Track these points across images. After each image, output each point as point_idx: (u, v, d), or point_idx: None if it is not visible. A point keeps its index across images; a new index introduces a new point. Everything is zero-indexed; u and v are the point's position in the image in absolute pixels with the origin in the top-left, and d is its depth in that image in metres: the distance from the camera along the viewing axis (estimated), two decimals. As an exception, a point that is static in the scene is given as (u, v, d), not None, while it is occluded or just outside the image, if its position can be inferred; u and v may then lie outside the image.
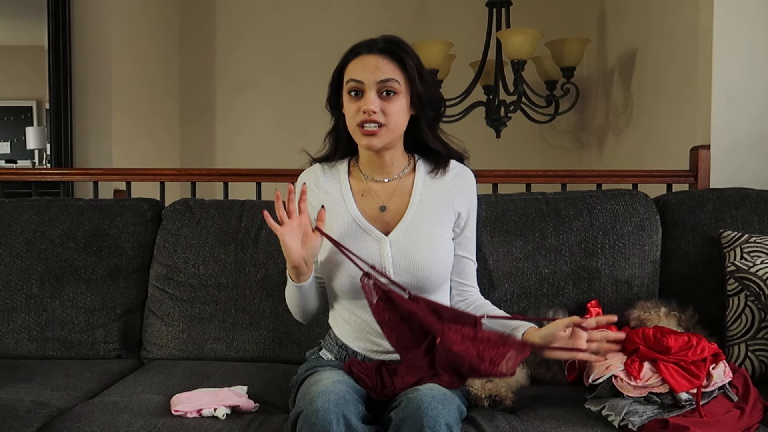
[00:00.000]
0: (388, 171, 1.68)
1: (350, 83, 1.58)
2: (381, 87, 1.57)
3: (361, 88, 1.57)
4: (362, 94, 1.57)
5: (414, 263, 1.60)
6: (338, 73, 1.64)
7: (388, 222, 1.65)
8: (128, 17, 3.71)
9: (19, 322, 2.09)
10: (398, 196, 1.68)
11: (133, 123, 3.74)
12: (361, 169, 1.71)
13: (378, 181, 1.69)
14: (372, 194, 1.68)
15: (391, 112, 1.58)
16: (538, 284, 2.01)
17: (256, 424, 1.55)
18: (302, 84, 4.16)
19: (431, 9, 4.19)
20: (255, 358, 2.04)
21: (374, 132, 1.57)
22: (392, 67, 1.58)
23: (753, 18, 2.40)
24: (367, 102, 1.55)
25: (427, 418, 1.33)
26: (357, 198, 1.68)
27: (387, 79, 1.56)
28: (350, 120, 1.61)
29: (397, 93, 1.58)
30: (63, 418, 1.58)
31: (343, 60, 1.63)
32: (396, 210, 1.66)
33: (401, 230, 1.63)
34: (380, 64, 1.57)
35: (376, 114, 1.56)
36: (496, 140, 3.64)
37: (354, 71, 1.58)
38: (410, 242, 1.61)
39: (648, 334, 1.59)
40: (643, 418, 1.46)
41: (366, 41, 1.61)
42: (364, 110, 1.56)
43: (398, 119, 1.60)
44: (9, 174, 2.81)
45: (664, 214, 2.09)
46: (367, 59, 1.58)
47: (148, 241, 2.17)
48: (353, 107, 1.59)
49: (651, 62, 3.13)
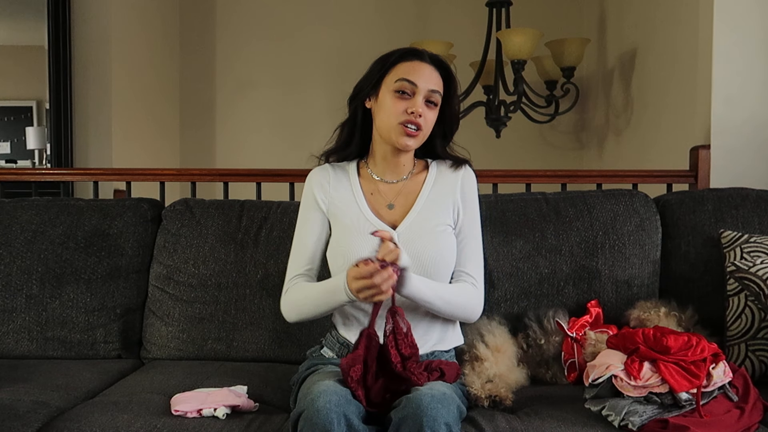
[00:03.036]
0: (399, 172, 1.76)
1: (403, 83, 1.65)
2: (428, 95, 1.66)
3: (413, 90, 1.65)
4: (411, 96, 1.65)
5: (420, 255, 1.64)
6: (384, 70, 1.68)
7: (396, 218, 1.71)
8: (128, 17, 3.71)
9: (19, 322, 2.09)
10: (404, 195, 1.74)
11: (134, 123, 3.74)
12: (372, 170, 1.77)
13: (387, 182, 1.75)
14: (380, 194, 1.75)
15: (429, 120, 1.68)
16: (538, 284, 2.01)
17: (256, 424, 1.55)
18: (302, 84, 4.16)
19: (431, 9, 4.19)
20: (255, 358, 2.04)
21: (415, 134, 1.66)
22: (440, 81, 1.69)
23: (753, 18, 2.40)
24: (417, 105, 1.64)
25: (427, 417, 1.34)
26: (367, 196, 1.73)
27: (435, 90, 1.67)
28: (391, 117, 1.65)
29: (436, 105, 1.69)
30: (63, 418, 1.58)
31: (394, 60, 1.68)
32: (403, 207, 1.73)
33: (408, 224, 1.69)
34: (433, 75, 1.68)
35: (420, 118, 1.65)
36: (496, 140, 3.64)
37: (409, 73, 1.66)
38: (416, 235, 1.67)
39: (648, 334, 1.59)
40: (643, 418, 1.46)
41: (418, 49, 1.71)
42: (411, 111, 1.64)
43: (429, 128, 1.70)
44: (9, 174, 2.81)
45: (664, 214, 2.09)
46: (423, 66, 1.67)
47: (148, 241, 2.17)
48: (400, 106, 1.64)
49: (651, 62, 3.13)
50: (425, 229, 1.69)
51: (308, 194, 1.77)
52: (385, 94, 1.67)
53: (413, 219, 1.70)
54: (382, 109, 1.67)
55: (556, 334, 1.87)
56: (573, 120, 4.06)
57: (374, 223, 1.68)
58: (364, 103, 1.72)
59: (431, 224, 1.70)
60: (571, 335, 1.84)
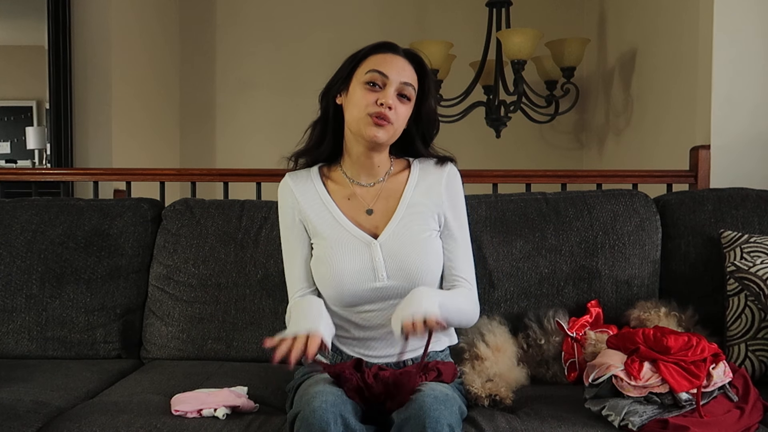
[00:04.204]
0: (374, 173, 1.68)
1: (373, 74, 1.58)
2: (400, 88, 1.59)
3: (384, 82, 1.58)
4: (381, 88, 1.58)
5: (405, 266, 1.60)
6: (354, 64, 1.63)
7: (377, 225, 1.65)
8: (128, 17, 3.71)
9: (19, 322, 2.09)
10: (384, 199, 1.68)
11: (134, 123, 3.74)
12: (346, 172, 1.70)
13: (363, 185, 1.69)
14: (358, 198, 1.68)
15: (400, 114, 1.61)
16: (538, 284, 2.01)
17: (256, 424, 1.55)
18: (302, 84, 4.13)
19: (431, 9, 4.19)
20: (255, 358, 2.04)
21: (383, 124, 1.57)
22: (414, 75, 1.63)
23: (753, 18, 2.40)
24: (387, 96, 1.57)
25: (429, 419, 1.33)
26: (341, 202, 1.67)
27: (408, 83, 1.60)
28: (359, 109, 1.58)
29: (410, 100, 1.62)
30: (63, 418, 1.58)
31: (365, 53, 1.63)
32: (383, 212, 1.66)
33: (389, 233, 1.63)
34: (406, 67, 1.61)
35: (391, 110, 1.58)
36: (496, 140, 3.63)
37: (379, 64, 1.59)
38: (400, 245, 1.62)
39: (648, 334, 1.59)
40: (643, 418, 1.46)
41: (390, 43, 1.64)
42: (381, 102, 1.57)
43: (402, 124, 1.63)
44: (9, 174, 2.81)
45: (664, 214, 2.09)
46: (395, 59, 1.61)
47: (148, 241, 2.17)
48: (370, 97, 1.58)
49: (651, 62, 3.13)
50: (409, 237, 1.62)
51: (282, 212, 1.72)
52: (355, 86, 1.60)
53: (395, 227, 1.63)
54: (351, 102, 1.60)
55: (556, 334, 1.87)
56: (573, 120, 4.06)
57: (353, 233, 1.63)
58: (335, 99, 1.66)
59: (414, 231, 1.63)
60: (571, 335, 1.84)
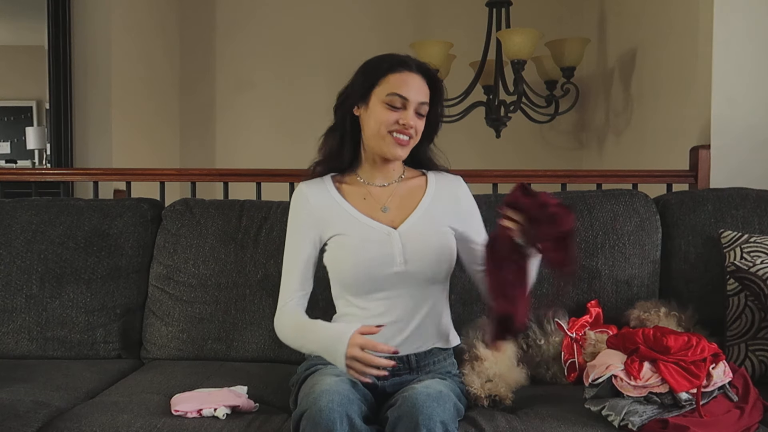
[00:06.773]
0: (389, 176, 1.77)
1: (394, 97, 1.65)
2: (418, 108, 1.68)
3: (405, 104, 1.66)
4: (402, 108, 1.66)
5: (425, 252, 1.66)
6: (373, 81, 1.68)
7: (393, 220, 1.71)
8: (128, 17, 3.71)
9: (19, 322, 2.09)
10: (398, 198, 1.74)
11: (133, 123, 3.74)
12: (361, 176, 1.77)
13: (377, 185, 1.75)
14: (373, 197, 1.74)
15: (419, 130, 1.71)
16: (538, 284, 2.00)
17: (256, 424, 1.55)
18: (302, 84, 4.16)
19: (431, 9, 4.18)
20: (255, 358, 2.05)
21: (406, 143, 1.68)
22: (427, 90, 1.71)
23: (753, 18, 2.40)
24: (409, 117, 1.66)
25: (422, 416, 1.34)
26: (357, 202, 1.73)
27: (424, 102, 1.69)
28: (381, 126, 1.66)
29: (424, 115, 1.71)
30: (63, 418, 1.58)
31: (383, 71, 1.68)
32: (399, 210, 1.72)
33: (409, 224, 1.69)
34: (422, 87, 1.69)
35: (411, 129, 1.67)
36: (496, 140, 3.63)
37: (400, 87, 1.66)
38: (419, 233, 1.68)
39: (648, 334, 1.59)
40: (643, 418, 1.46)
41: (406, 59, 1.70)
42: (403, 123, 1.65)
43: (419, 137, 1.73)
44: (9, 174, 2.81)
45: (664, 214, 2.09)
46: (413, 78, 1.68)
47: (148, 241, 2.17)
48: (391, 117, 1.66)
49: (651, 62, 3.13)
50: (428, 227, 1.70)
51: (294, 217, 1.75)
52: (375, 104, 1.67)
53: (415, 220, 1.70)
54: (372, 119, 1.67)
55: (556, 334, 1.87)
56: (573, 120, 4.06)
57: (370, 225, 1.68)
58: (351, 110, 1.72)
59: (434, 224, 1.71)
60: (571, 335, 1.84)
